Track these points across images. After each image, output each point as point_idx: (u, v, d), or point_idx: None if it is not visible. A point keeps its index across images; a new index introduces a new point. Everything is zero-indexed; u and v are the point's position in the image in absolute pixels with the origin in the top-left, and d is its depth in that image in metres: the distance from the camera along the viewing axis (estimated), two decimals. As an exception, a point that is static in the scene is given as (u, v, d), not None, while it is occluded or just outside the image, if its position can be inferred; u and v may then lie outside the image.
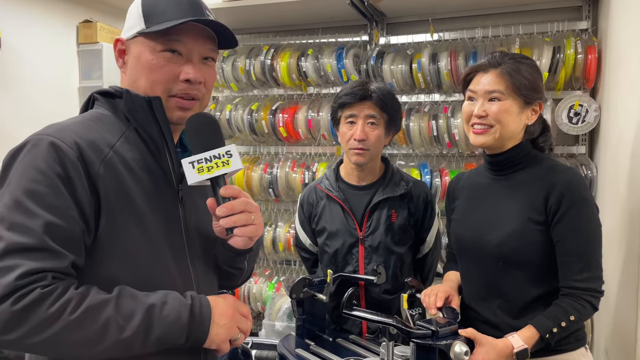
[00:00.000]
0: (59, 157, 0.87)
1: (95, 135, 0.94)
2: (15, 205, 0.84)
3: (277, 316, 2.54)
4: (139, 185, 0.96)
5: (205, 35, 1.02)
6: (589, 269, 1.32)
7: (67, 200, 0.86)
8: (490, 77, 1.39)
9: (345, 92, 1.72)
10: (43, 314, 0.81)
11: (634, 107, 1.61)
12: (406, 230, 1.75)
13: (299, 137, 2.79)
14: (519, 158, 1.43)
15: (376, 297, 1.73)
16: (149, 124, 0.99)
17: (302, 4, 2.54)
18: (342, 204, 1.75)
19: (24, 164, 0.87)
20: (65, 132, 0.91)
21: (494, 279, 1.42)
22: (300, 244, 1.91)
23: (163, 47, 0.98)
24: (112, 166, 0.92)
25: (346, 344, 1.66)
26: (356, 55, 2.70)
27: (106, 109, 1.01)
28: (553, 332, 1.28)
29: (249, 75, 2.83)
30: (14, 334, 0.80)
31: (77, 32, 3.08)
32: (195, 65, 1.01)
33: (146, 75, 0.99)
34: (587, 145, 2.45)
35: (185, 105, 1.01)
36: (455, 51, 2.46)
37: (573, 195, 1.33)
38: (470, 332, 1.30)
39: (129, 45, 1.02)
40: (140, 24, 0.99)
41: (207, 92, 1.05)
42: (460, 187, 1.59)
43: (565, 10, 2.52)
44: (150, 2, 1.00)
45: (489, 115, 1.38)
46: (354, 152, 1.70)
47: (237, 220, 0.97)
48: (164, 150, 1.01)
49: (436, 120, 2.49)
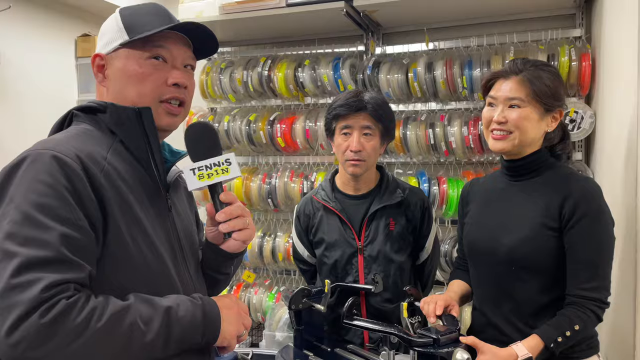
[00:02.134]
0: (63, 169, 0.88)
1: (90, 148, 0.95)
2: (27, 220, 0.83)
3: (277, 326, 2.52)
4: (134, 195, 0.98)
5: (185, 43, 1.07)
6: (597, 279, 1.31)
7: (77, 212, 0.87)
8: (511, 83, 1.40)
9: (339, 103, 1.71)
10: (71, 325, 0.80)
11: (628, 113, 1.62)
12: (405, 238, 1.75)
13: (297, 147, 2.80)
14: (536, 164, 1.43)
15: (377, 306, 1.72)
16: (136, 135, 1.01)
17: (298, 15, 2.56)
18: (339, 215, 1.75)
19: (28, 179, 0.86)
20: (64, 145, 0.92)
21: (505, 283, 1.42)
22: (298, 256, 1.91)
23: (149, 54, 1.02)
24: (109, 177, 0.94)
25: (345, 353, 1.66)
26: (352, 65, 2.72)
27: (88, 124, 1.02)
28: (558, 342, 1.27)
29: (246, 87, 2.85)
30: (44, 348, 0.78)
31: (76, 46, 3.11)
32: (179, 70, 1.05)
33: (134, 85, 1.01)
34: (583, 151, 2.46)
35: (174, 112, 1.05)
36: (450, 60, 2.48)
37: (589, 204, 1.33)
38: (472, 340, 1.30)
39: (109, 59, 1.04)
40: (122, 37, 1.02)
41: (189, 99, 1.09)
42: (474, 191, 1.59)
43: (558, 18, 2.54)
44: (131, 16, 1.04)
45: (508, 121, 1.38)
46: (350, 164, 1.70)
47: (235, 225, 1.01)
48: (150, 160, 1.02)
49: (433, 129, 2.50)
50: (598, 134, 2.29)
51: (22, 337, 0.78)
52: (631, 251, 1.51)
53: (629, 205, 1.57)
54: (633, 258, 1.48)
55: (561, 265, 1.36)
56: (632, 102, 1.54)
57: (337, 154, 1.76)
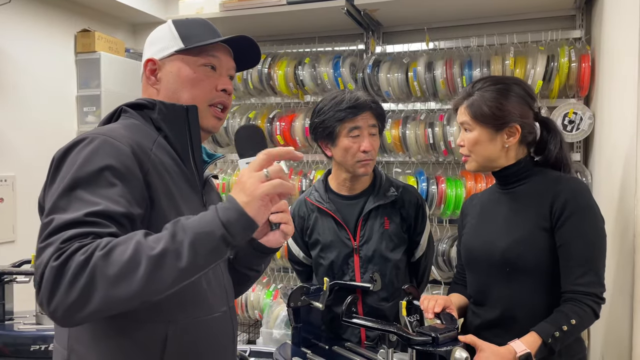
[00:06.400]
0: (115, 151, 0.93)
1: (138, 139, 1.01)
2: (68, 194, 0.88)
3: (275, 324, 2.53)
4: (176, 187, 1.03)
5: (230, 55, 1.18)
6: (590, 274, 1.33)
7: (122, 190, 0.91)
8: (462, 108, 1.48)
9: (345, 105, 1.65)
10: (77, 259, 0.80)
11: (627, 114, 1.63)
12: (400, 236, 1.75)
13: (296, 145, 2.80)
14: (521, 172, 1.47)
15: (374, 305, 1.73)
16: (180, 131, 1.08)
17: (298, 13, 2.56)
18: (334, 216, 1.75)
19: (80, 157, 0.92)
20: (116, 132, 0.99)
21: (502, 286, 1.43)
22: (294, 257, 1.91)
23: (204, 61, 1.12)
24: (156, 166, 1.00)
25: (343, 351, 1.66)
26: (352, 64, 2.72)
27: (135, 119, 1.09)
28: (555, 337, 1.28)
29: (246, 84, 2.85)
30: (61, 287, 0.79)
31: (75, 41, 3.09)
32: (226, 78, 1.16)
33: (188, 88, 1.10)
34: (582, 152, 2.47)
35: (220, 116, 1.15)
36: (450, 60, 2.48)
37: (577, 201, 1.36)
38: (471, 338, 1.30)
39: (162, 64, 1.13)
40: (177, 44, 1.12)
41: (230, 104, 1.19)
42: (472, 205, 1.63)
43: (559, 19, 2.55)
44: (184, 27, 1.14)
45: (465, 145, 1.47)
46: (362, 164, 1.68)
47: (284, 217, 1.04)
48: (190, 156, 1.09)
49: (432, 128, 2.51)
50: (597, 135, 2.30)
51: (45, 286, 0.80)
52: (629, 252, 1.51)
53: (627, 206, 1.57)
54: (631, 258, 1.49)
55: (555, 265, 1.37)
56: (631, 103, 1.54)
57: (342, 157, 1.70)
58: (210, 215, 0.86)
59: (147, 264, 0.80)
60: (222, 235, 0.84)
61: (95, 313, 0.81)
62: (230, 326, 1.14)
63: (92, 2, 3.08)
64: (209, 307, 1.07)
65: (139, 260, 0.80)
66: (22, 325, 2.01)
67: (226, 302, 1.13)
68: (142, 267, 0.80)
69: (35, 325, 2.01)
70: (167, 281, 0.82)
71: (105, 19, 3.28)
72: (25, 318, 2.08)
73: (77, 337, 0.99)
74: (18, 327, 1.99)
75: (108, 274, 0.80)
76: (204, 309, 1.06)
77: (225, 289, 1.14)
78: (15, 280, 2.07)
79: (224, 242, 0.85)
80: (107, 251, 0.81)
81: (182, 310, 1.01)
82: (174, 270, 0.82)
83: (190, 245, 0.83)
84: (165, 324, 0.99)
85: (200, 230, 0.84)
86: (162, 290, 0.83)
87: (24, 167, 2.73)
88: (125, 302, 0.81)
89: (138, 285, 0.80)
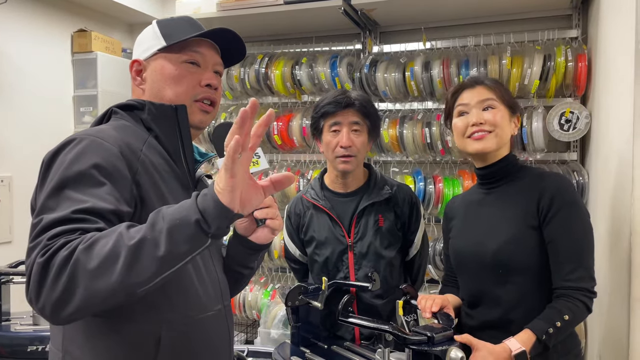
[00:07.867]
0: (103, 151, 0.94)
1: (128, 139, 1.01)
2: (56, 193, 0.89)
3: (272, 324, 2.53)
4: (167, 186, 1.03)
5: (215, 50, 1.17)
6: (581, 269, 1.34)
7: (110, 189, 0.91)
8: (479, 89, 1.48)
9: (327, 101, 1.73)
10: (61, 255, 0.80)
11: (623, 113, 1.63)
12: (394, 234, 1.76)
13: (293, 145, 2.80)
14: (508, 169, 1.49)
15: (368, 302, 1.73)
16: (171, 131, 1.09)
17: (295, 13, 2.56)
18: (329, 213, 1.76)
19: (68, 158, 0.92)
20: (104, 133, 0.99)
21: (494, 288, 1.44)
22: (290, 255, 1.91)
23: (185, 58, 1.11)
24: (145, 166, 1.01)
25: (342, 351, 1.67)
26: (350, 63, 2.72)
27: (126, 120, 1.09)
28: (549, 333, 1.29)
29: (243, 84, 2.84)
30: (46, 283, 0.80)
31: (72, 41, 3.08)
32: (211, 73, 1.14)
33: (172, 85, 1.10)
34: (578, 151, 2.48)
35: (207, 109, 1.14)
36: (447, 59, 2.49)
37: (563, 197, 1.38)
38: (466, 337, 1.31)
39: (146, 64, 1.13)
40: (159, 43, 1.12)
41: (219, 100, 1.18)
42: (456, 207, 1.63)
43: (555, 19, 2.55)
44: (167, 25, 1.15)
45: (486, 122, 1.45)
46: (340, 160, 1.71)
47: (269, 213, 1.05)
48: (181, 155, 1.10)
49: (429, 128, 2.51)
50: (593, 134, 2.30)
51: (32, 283, 0.81)
52: (625, 250, 1.52)
53: (624, 205, 1.58)
54: (627, 257, 1.49)
55: (546, 263, 1.38)
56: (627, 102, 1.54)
57: (326, 153, 1.76)
58: (189, 202, 0.85)
59: (126, 254, 0.79)
60: (196, 221, 0.81)
61: (83, 309, 0.80)
62: (225, 324, 1.14)
63: (89, 2, 3.08)
64: (202, 305, 1.06)
65: (119, 251, 0.79)
66: (19, 326, 2.01)
67: (221, 301, 1.13)
68: (122, 258, 0.79)
69: (32, 326, 2.01)
70: (148, 271, 0.80)
71: (102, 19, 3.28)
72: (22, 319, 2.08)
73: (71, 338, 0.99)
74: (15, 328, 1.99)
75: (88, 267, 0.79)
76: (198, 307, 1.05)
77: (220, 287, 1.13)
78: (12, 281, 2.07)
79: (201, 229, 0.82)
80: (89, 245, 0.80)
81: (175, 309, 1.01)
82: (152, 259, 0.80)
83: (167, 232, 0.81)
84: (158, 324, 0.99)
85: (177, 216, 0.82)
86: (144, 282, 0.81)
87: (20, 167, 2.73)
88: (108, 295, 0.79)
89: (118, 277, 0.79)
